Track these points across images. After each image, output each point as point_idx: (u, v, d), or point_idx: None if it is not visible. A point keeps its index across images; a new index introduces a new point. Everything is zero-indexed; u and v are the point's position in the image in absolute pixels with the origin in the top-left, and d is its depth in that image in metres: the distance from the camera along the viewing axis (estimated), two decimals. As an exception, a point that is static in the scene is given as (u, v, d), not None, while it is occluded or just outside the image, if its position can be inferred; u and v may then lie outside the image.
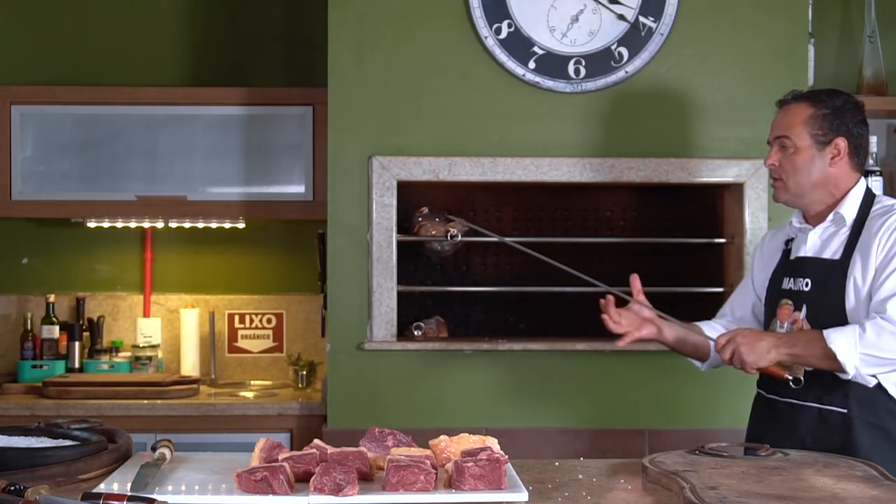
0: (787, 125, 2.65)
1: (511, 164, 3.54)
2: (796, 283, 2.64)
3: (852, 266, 2.54)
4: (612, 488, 2.00)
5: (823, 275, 2.59)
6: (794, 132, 2.63)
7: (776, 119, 2.70)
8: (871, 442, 2.45)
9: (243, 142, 3.94)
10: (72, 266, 4.25)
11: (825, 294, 2.57)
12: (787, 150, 2.64)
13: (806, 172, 2.63)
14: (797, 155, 2.63)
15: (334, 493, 1.84)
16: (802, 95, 2.70)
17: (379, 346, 3.51)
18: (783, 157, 2.64)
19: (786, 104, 2.70)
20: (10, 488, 1.76)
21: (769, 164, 2.68)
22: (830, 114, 2.63)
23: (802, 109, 2.65)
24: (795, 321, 2.60)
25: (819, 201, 2.66)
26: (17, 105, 3.91)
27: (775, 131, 2.68)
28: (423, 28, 3.54)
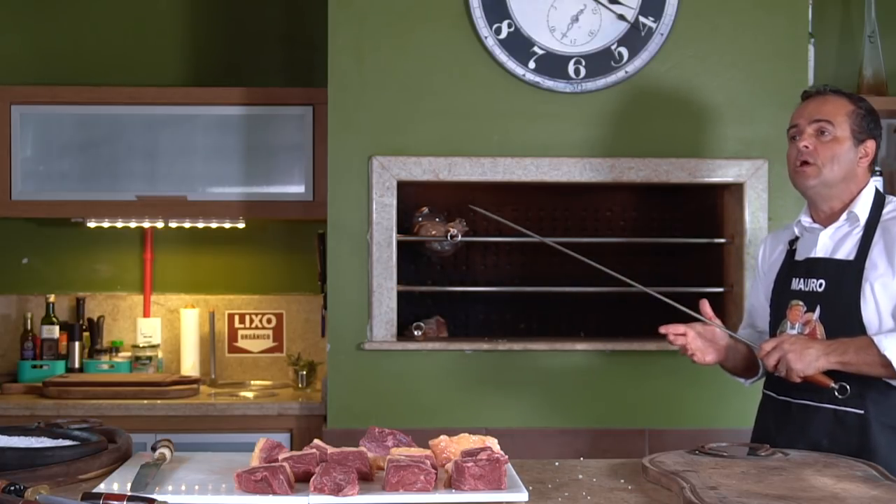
0: (829, 112, 2.60)
1: (511, 164, 3.54)
2: (808, 284, 2.60)
3: (869, 268, 2.51)
4: (612, 488, 2.00)
5: (838, 275, 2.55)
6: (838, 121, 2.60)
7: (811, 105, 2.64)
8: (888, 443, 2.43)
9: (243, 142, 3.94)
10: (72, 266, 4.25)
11: (840, 295, 2.53)
12: (825, 135, 2.59)
13: (841, 163, 2.60)
14: (837, 143, 2.59)
15: (334, 493, 1.84)
16: (840, 91, 2.67)
17: (379, 346, 3.51)
18: (818, 143, 2.59)
19: (822, 94, 2.66)
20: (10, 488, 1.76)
21: (804, 145, 2.60)
22: (867, 115, 2.64)
23: (843, 103, 2.63)
24: (808, 322, 2.56)
25: (839, 196, 2.63)
26: (17, 105, 3.92)
27: (814, 115, 2.61)
28: (423, 28, 3.54)
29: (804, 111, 2.65)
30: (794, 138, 2.65)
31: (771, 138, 3.56)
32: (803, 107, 2.67)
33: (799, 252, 2.70)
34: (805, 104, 2.67)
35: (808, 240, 2.68)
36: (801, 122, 2.64)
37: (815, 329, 2.54)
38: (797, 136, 2.63)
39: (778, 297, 2.69)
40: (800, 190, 2.66)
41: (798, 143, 2.61)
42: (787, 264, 2.71)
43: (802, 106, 2.67)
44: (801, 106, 2.68)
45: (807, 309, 2.58)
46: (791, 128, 2.67)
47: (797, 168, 2.62)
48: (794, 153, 2.63)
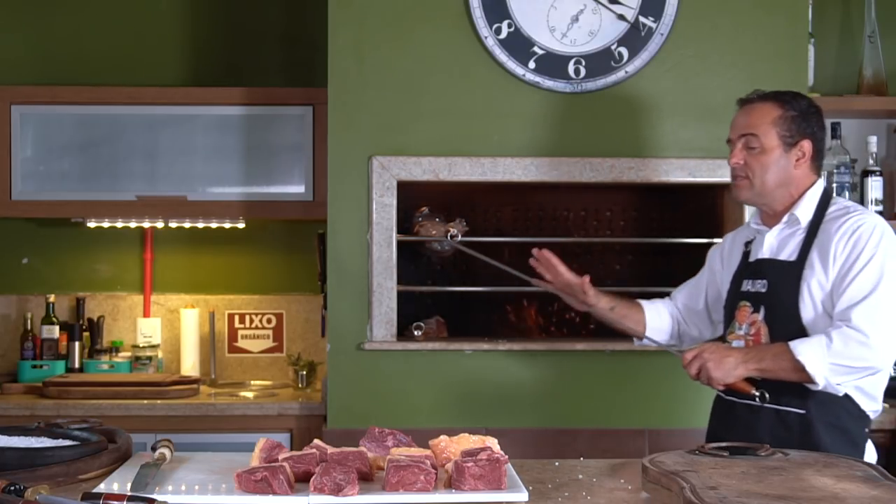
0: (753, 124, 2.64)
1: (511, 164, 3.54)
2: (754, 285, 2.65)
3: (808, 268, 2.56)
4: (612, 488, 2.00)
5: (779, 276, 2.61)
6: (762, 131, 2.63)
7: (739, 117, 2.69)
8: (831, 442, 2.46)
9: (243, 142, 3.94)
10: (72, 266, 4.25)
11: (781, 295, 2.58)
12: (753, 149, 2.63)
13: (772, 172, 2.63)
14: (764, 154, 2.63)
15: (334, 493, 1.84)
16: (768, 95, 2.69)
17: (379, 346, 3.51)
18: (748, 156, 2.64)
19: (750, 103, 2.70)
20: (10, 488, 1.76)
21: (734, 163, 2.66)
22: (798, 116, 2.65)
23: (770, 109, 2.65)
24: (753, 322, 2.61)
25: (779, 202, 2.67)
26: (17, 105, 3.91)
27: (740, 129, 2.67)
28: (423, 28, 3.54)
29: (735, 124, 2.70)
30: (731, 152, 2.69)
31: (771, 138, 3.55)
32: (735, 118, 2.71)
33: (752, 253, 2.74)
34: (736, 115, 2.71)
35: (758, 241, 2.73)
36: (732, 137, 2.69)
37: (760, 329, 2.60)
38: (731, 150, 2.68)
39: (731, 297, 2.74)
40: (735, 200, 2.78)
41: (730, 159, 2.67)
42: (742, 265, 2.76)
43: (735, 117, 2.72)
44: (735, 117, 2.72)
45: (753, 310, 2.63)
46: (728, 142, 2.71)
47: (733, 182, 2.69)
48: (730, 167, 2.69)
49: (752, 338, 2.62)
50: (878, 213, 3.92)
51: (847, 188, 3.95)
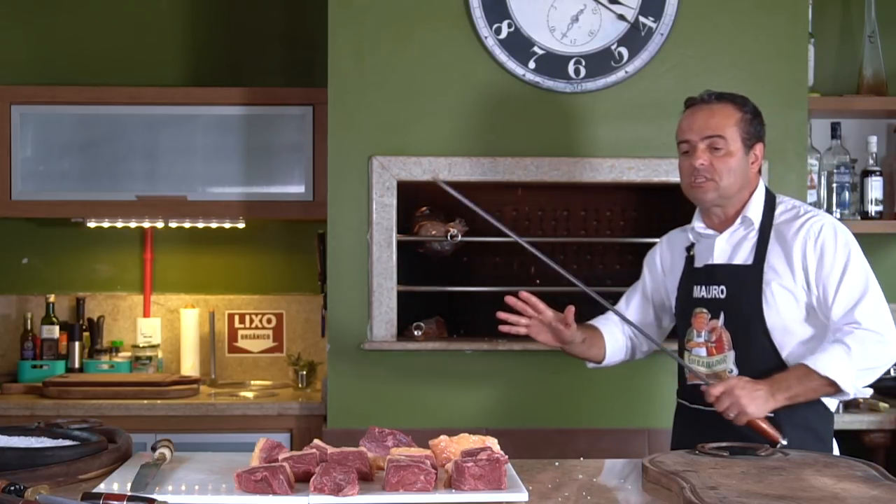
0: (718, 126, 2.60)
1: (511, 164, 3.54)
2: (710, 291, 2.63)
3: (768, 271, 2.55)
4: (612, 488, 2.00)
5: (738, 281, 2.59)
6: (728, 133, 2.60)
7: (699, 118, 2.63)
8: (800, 443, 2.43)
9: (243, 142, 3.94)
10: (72, 266, 4.25)
11: (742, 300, 2.56)
12: (718, 150, 2.59)
13: (737, 175, 2.61)
14: (730, 157, 2.60)
15: (334, 493, 1.84)
16: (723, 97, 2.66)
17: (379, 346, 3.51)
18: (713, 158, 2.59)
19: (707, 104, 2.65)
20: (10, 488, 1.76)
21: (700, 164, 2.59)
22: (753, 118, 2.65)
23: (731, 111, 2.63)
24: (714, 329, 2.59)
25: (734, 204, 2.65)
26: (17, 105, 3.92)
27: (704, 130, 2.61)
28: (423, 28, 3.54)
29: (693, 125, 2.63)
30: (686, 152, 2.64)
31: (771, 138, 3.52)
32: (691, 119, 2.65)
33: (697, 259, 2.71)
34: (692, 116, 2.65)
35: (705, 246, 2.69)
36: (692, 138, 2.63)
37: (722, 336, 2.58)
38: (689, 151, 2.63)
39: (682, 305, 2.72)
40: (696, 203, 2.68)
41: (692, 160, 2.61)
42: (688, 271, 2.73)
43: (689, 118, 2.66)
44: (688, 117, 2.66)
45: (711, 316, 2.61)
46: (682, 142, 2.66)
47: (694, 183, 2.62)
48: (689, 169, 2.63)
49: (713, 344, 2.60)
50: (878, 213, 3.94)
51: (847, 188, 3.95)
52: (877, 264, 4.13)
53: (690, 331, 2.66)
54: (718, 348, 2.59)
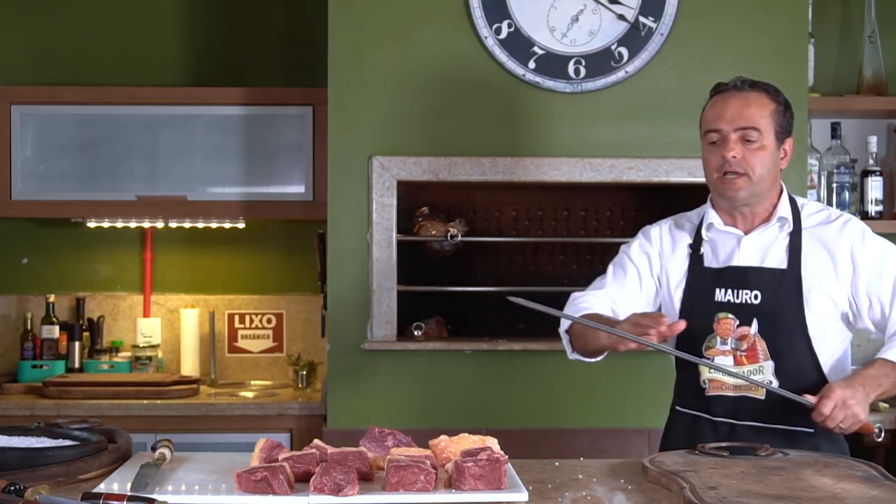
0: (752, 116, 2.42)
1: (511, 164, 3.54)
2: (738, 295, 2.44)
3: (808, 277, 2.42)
4: (612, 488, 2.00)
5: (775, 286, 2.42)
6: (763, 125, 2.42)
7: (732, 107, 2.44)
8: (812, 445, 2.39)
9: (243, 142, 3.94)
10: (72, 266, 4.25)
11: (781, 306, 2.41)
12: (751, 143, 2.41)
13: (770, 170, 2.44)
14: (764, 151, 2.43)
15: (334, 493, 1.84)
16: (757, 85, 2.48)
17: (379, 346, 3.51)
18: (745, 150, 2.41)
19: (740, 91, 2.46)
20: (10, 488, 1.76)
21: (732, 156, 2.41)
22: (785, 111, 2.48)
23: (765, 101, 2.45)
24: (744, 336, 2.43)
25: (765, 203, 2.48)
26: (17, 105, 3.91)
27: (738, 120, 2.42)
28: (423, 28, 3.54)
29: (724, 113, 2.44)
30: (713, 143, 2.46)
31: (771, 138, 3.56)
32: (722, 107, 2.46)
33: (711, 258, 2.52)
34: (724, 103, 2.46)
35: (724, 246, 2.51)
36: (723, 128, 2.44)
37: (756, 344, 2.42)
38: (719, 142, 2.45)
39: (695, 309, 2.50)
40: (725, 199, 2.49)
41: (724, 152, 2.42)
42: (701, 272, 2.52)
43: (720, 105, 2.47)
44: (719, 105, 2.47)
45: (740, 322, 2.44)
46: (711, 132, 2.47)
47: (724, 178, 2.44)
48: (719, 162, 2.44)
49: (744, 353, 2.43)
50: (878, 213, 3.94)
51: (847, 188, 3.95)
52: (877, 264, 4.18)
53: (713, 337, 2.46)
54: (751, 357, 2.42)
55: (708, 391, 2.47)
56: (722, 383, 2.45)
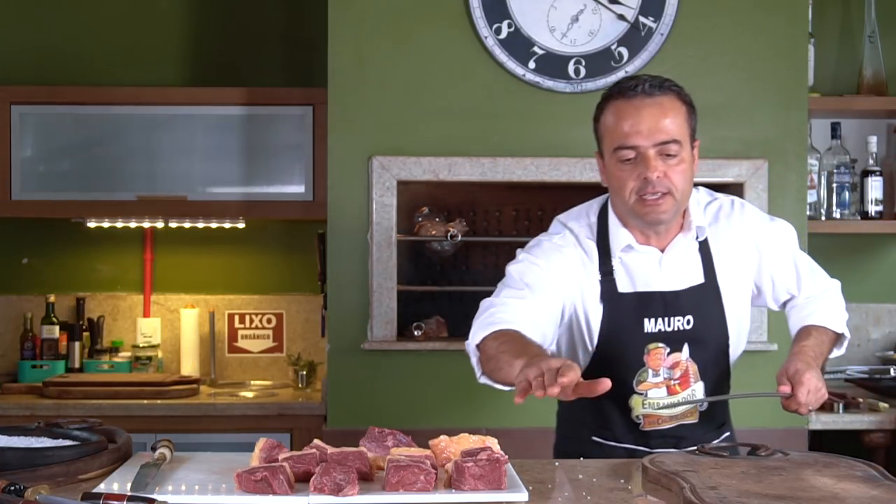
0: (671, 128, 2.13)
1: (511, 164, 3.54)
2: (671, 323, 2.23)
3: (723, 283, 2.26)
4: (612, 488, 1.99)
5: (700, 305, 2.24)
6: (681, 135, 2.15)
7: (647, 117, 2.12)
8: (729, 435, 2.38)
9: (243, 142, 3.94)
10: (72, 266, 4.25)
11: (708, 325, 2.26)
12: (671, 158, 2.13)
13: (690, 184, 2.19)
14: (684, 163, 2.16)
15: (334, 493, 1.84)
16: (665, 86, 2.17)
17: (379, 346, 3.51)
18: (667, 167, 2.13)
19: (650, 97, 2.13)
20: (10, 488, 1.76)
21: (657, 176, 2.12)
22: (691, 112, 2.22)
23: (678, 105, 2.17)
24: (676, 364, 2.25)
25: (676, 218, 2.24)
26: (17, 105, 3.91)
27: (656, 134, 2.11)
28: (423, 28, 3.54)
29: (640, 126, 2.12)
30: (625, 159, 2.15)
31: (771, 138, 3.56)
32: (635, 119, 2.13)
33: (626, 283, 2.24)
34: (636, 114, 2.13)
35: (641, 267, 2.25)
36: (641, 144, 2.12)
37: (689, 369, 2.26)
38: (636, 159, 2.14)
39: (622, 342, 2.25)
40: (646, 222, 2.20)
41: (646, 172, 2.12)
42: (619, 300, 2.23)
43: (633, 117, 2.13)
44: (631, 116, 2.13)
45: (670, 350, 2.25)
46: (625, 149, 2.14)
47: (646, 200, 2.15)
48: (637, 182, 2.14)
49: (677, 381, 2.26)
50: (878, 213, 3.94)
51: (847, 188, 3.95)
52: (877, 264, 4.19)
53: (644, 371, 2.25)
54: (684, 384, 2.27)
55: (643, 426, 2.30)
56: (658, 417, 2.29)
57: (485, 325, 2.18)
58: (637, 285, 2.25)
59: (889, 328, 4.19)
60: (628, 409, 2.30)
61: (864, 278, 4.16)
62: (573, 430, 2.42)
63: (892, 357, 4.09)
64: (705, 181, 3.54)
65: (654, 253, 2.25)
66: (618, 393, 2.13)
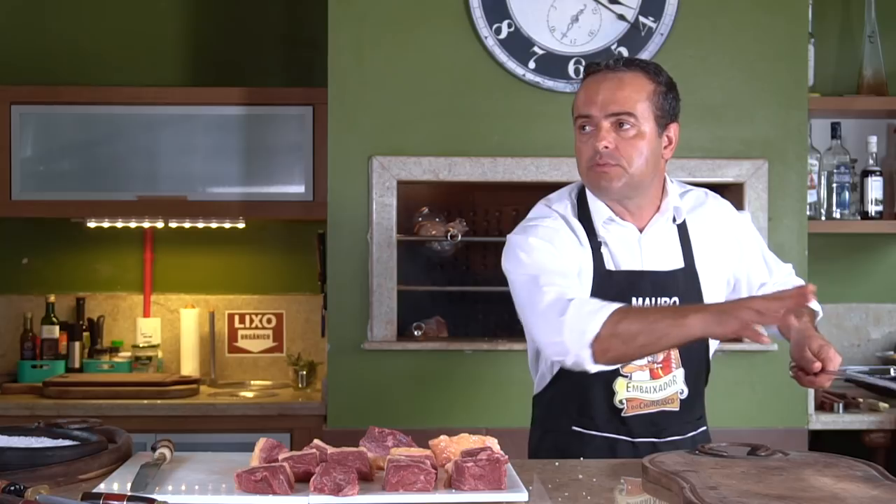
0: (627, 100, 2.17)
1: (511, 164, 3.54)
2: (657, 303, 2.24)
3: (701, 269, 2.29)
4: (612, 488, 1.99)
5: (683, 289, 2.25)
6: (639, 109, 2.18)
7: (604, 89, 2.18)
8: None
9: (243, 142, 3.94)
10: (72, 266, 4.25)
11: None
12: (625, 129, 2.18)
13: (650, 160, 2.20)
14: (641, 138, 2.19)
15: (334, 493, 1.84)
16: (633, 63, 2.23)
17: (379, 346, 3.51)
18: (619, 139, 2.18)
19: (612, 71, 2.20)
20: (10, 488, 1.76)
21: (604, 146, 2.17)
22: (668, 92, 2.23)
23: (642, 82, 2.20)
24: None
25: (646, 194, 2.26)
26: (17, 105, 3.91)
27: (610, 105, 2.17)
28: (423, 28, 3.54)
29: (596, 97, 2.18)
30: (583, 128, 2.22)
31: (771, 138, 3.56)
32: (593, 90, 2.20)
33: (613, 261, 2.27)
34: (594, 86, 2.20)
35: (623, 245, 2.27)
36: (594, 114, 2.19)
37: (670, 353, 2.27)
38: (588, 127, 2.21)
39: None
40: (598, 191, 2.26)
41: (594, 141, 2.19)
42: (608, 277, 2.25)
43: (591, 88, 2.20)
44: (589, 87, 2.21)
45: None
46: (581, 117, 2.22)
47: (595, 168, 2.21)
48: (589, 152, 2.21)
49: (659, 365, 2.28)
50: (878, 213, 3.93)
51: (847, 188, 3.95)
52: (877, 264, 4.19)
53: None
54: (666, 368, 2.28)
55: (626, 412, 2.29)
56: (641, 401, 2.29)
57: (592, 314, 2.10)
58: (621, 264, 2.27)
59: (889, 328, 4.19)
60: (612, 393, 2.29)
61: (864, 278, 4.16)
62: (553, 422, 2.40)
63: (892, 357, 4.09)
64: (705, 181, 3.55)
65: (632, 231, 2.27)
66: (603, 375, 2.21)
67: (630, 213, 2.28)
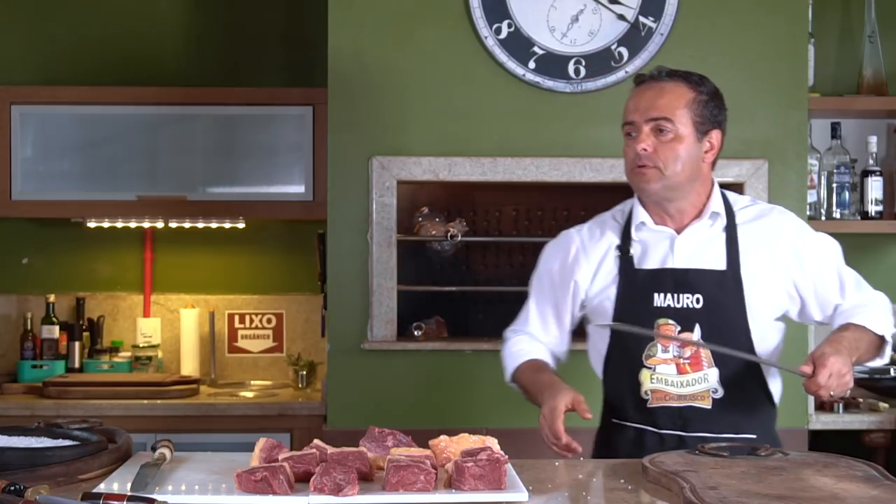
0: (666, 106, 2.33)
1: (511, 164, 3.54)
2: (679, 300, 2.35)
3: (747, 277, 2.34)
4: (612, 488, 1.99)
5: (715, 288, 2.34)
6: (677, 115, 2.32)
7: (646, 97, 2.35)
8: None
9: (243, 142, 3.94)
10: (72, 266, 4.25)
11: (723, 311, 2.34)
12: (664, 134, 2.32)
13: (687, 163, 2.33)
14: (679, 142, 2.32)
15: (334, 493, 1.84)
16: (676, 74, 2.38)
17: (379, 346, 3.51)
18: (658, 143, 2.32)
19: (657, 81, 2.37)
20: (10, 488, 1.76)
21: (641, 149, 2.32)
22: (709, 101, 2.37)
23: (682, 90, 2.35)
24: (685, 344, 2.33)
25: (686, 198, 2.38)
26: (17, 105, 3.92)
27: (650, 111, 2.33)
28: (423, 28, 3.54)
29: (639, 104, 2.36)
30: (629, 135, 2.39)
31: (771, 138, 3.56)
32: (637, 98, 2.38)
33: (642, 259, 2.42)
34: (639, 95, 2.38)
35: (656, 246, 2.41)
36: (636, 119, 2.36)
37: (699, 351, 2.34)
38: (633, 133, 2.37)
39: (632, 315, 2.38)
40: (639, 192, 2.42)
41: (635, 144, 2.35)
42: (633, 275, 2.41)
43: (636, 97, 2.39)
44: (635, 96, 2.39)
45: (681, 328, 2.35)
46: (626, 124, 2.40)
47: (635, 169, 2.36)
48: (632, 154, 2.37)
49: (687, 361, 2.34)
50: (878, 213, 3.93)
51: (847, 188, 3.95)
52: (877, 264, 4.19)
53: (654, 346, 2.36)
54: (695, 365, 2.34)
55: (651, 402, 2.37)
56: (665, 394, 2.36)
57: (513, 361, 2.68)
58: (650, 263, 2.40)
59: (889, 328, 4.18)
60: (638, 385, 2.39)
61: (864, 278, 4.15)
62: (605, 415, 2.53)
63: (892, 357, 4.08)
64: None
65: (667, 233, 2.41)
66: (629, 367, 2.39)
67: (670, 216, 2.42)
